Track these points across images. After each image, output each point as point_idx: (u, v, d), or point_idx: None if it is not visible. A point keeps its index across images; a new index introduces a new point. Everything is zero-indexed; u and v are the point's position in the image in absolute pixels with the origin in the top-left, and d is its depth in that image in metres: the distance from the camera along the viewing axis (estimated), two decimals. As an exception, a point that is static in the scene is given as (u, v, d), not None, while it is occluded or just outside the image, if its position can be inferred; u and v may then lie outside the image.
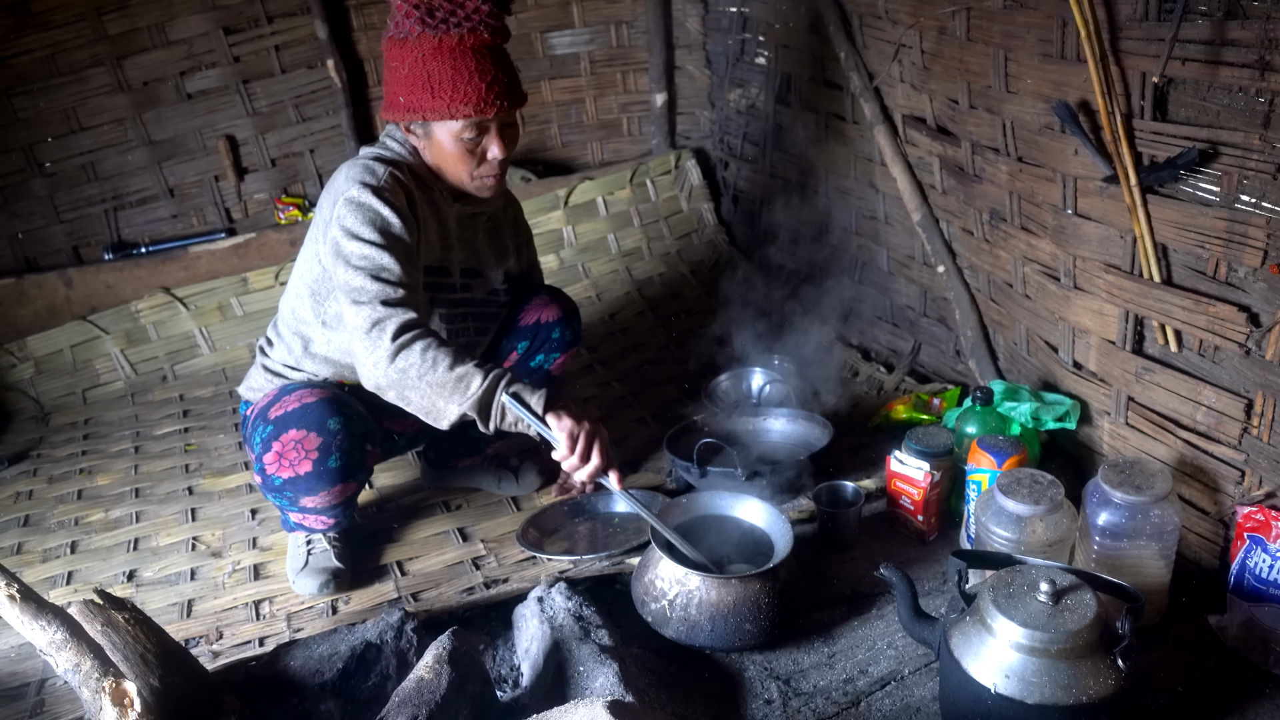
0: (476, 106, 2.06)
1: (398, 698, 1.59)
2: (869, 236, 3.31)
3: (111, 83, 3.61)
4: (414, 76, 2.07)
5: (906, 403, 2.79)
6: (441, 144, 2.14)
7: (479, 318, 2.45)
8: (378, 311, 2.00)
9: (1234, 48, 1.78)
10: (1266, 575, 1.85)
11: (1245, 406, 1.93)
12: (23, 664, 2.12)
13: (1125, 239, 2.15)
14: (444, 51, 2.04)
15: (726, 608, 1.94)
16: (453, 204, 2.27)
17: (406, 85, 2.08)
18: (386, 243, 2.04)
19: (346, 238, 2.04)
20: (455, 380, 1.98)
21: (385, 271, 2.03)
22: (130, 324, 3.64)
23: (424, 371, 1.98)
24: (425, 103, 2.07)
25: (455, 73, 2.05)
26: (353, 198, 2.06)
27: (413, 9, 2.04)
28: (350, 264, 2.04)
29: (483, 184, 2.22)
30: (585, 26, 4.13)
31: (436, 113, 2.07)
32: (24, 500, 2.89)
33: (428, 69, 2.05)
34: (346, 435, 2.14)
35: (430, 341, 2.00)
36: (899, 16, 2.79)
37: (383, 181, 2.09)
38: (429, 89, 2.06)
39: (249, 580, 2.38)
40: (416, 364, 1.98)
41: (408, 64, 2.07)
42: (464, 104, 2.06)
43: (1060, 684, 1.54)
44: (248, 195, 3.92)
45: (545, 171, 4.21)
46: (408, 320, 2.00)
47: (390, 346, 1.98)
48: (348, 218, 2.05)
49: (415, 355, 1.98)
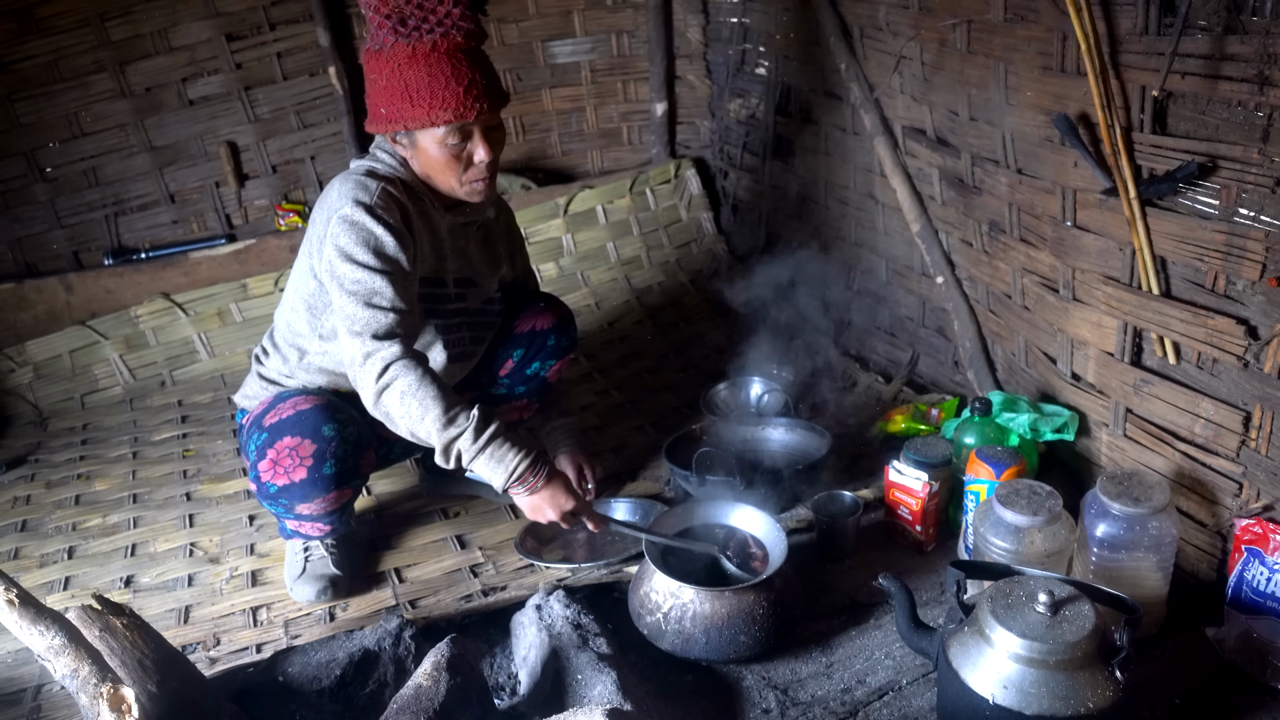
0: (456, 111, 2.04)
1: (396, 704, 1.59)
2: (868, 247, 3.31)
3: (114, 88, 3.61)
4: (392, 87, 2.05)
5: (905, 413, 2.79)
6: (427, 152, 2.12)
7: (474, 327, 2.45)
8: (367, 345, 2.01)
9: (1233, 62, 1.79)
10: (1264, 588, 1.85)
11: (1243, 419, 1.94)
12: (19, 669, 2.11)
13: (1124, 251, 2.15)
14: (418, 59, 2.02)
15: (721, 620, 1.94)
16: (445, 214, 2.26)
17: (386, 96, 2.07)
18: (380, 265, 2.03)
19: (341, 259, 2.04)
20: (427, 434, 2.01)
21: (377, 296, 2.02)
22: (130, 329, 3.64)
23: (402, 416, 2.01)
24: (406, 112, 2.05)
25: (431, 79, 2.03)
26: (346, 215, 2.05)
27: (384, 19, 2.02)
28: (344, 288, 2.04)
29: (473, 189, 2.19)
30: (586, 35, 4.14)
31: (417, 121, 2.06)
32: (21, 505, 2.89)
33: (404, 78, 2.03)
34: (341, 442, 2.14)
35: (410, 383, 1.99)
36: (900, 28, 2.80)
37: (376, 198, 2.07)
38: (407, 98, 2.04)
39: (247, 586, 2.37)
40: (396, 407, 2.01)
41: (385, 75, 2.06)
42: (443, 110, 2.04)
43: (1058, 695, 1.54)
44: (248, 201, 3.92)
45: (545, 180, 4.21)
46: (393, 357, 2.00)
47: (375, 387, 2.00)
48: (341, 237, 2.05)
49: (395, 398, 2.00)
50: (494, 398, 2.57)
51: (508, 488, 2.07)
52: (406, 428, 2.02)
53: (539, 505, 2.11)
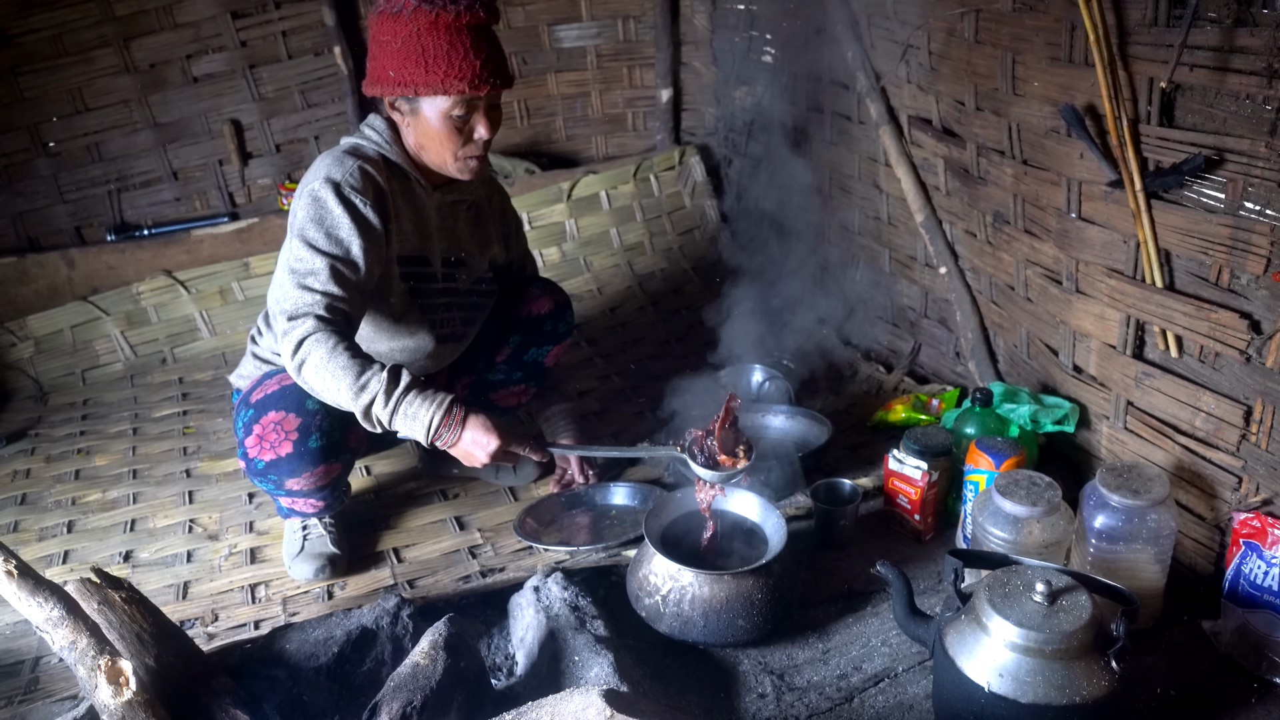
0: (471, 83, 2.04)
1: (393, 683, 1.60)
2: (871, 236, 3.31)
3: (118, 64, 3.61)
4: (407, 50, 2.03)
5: (905, 403, 2.79)
6: (428, 121, 2.11)
7: (464, 308, 2.43)
8: (283, 324, 1.99)
9: (1242, 55, 1.78)
10: (1261, 581, 1.86)
11: (1244, 413, 1.94)
12: (17, 641, 2.12)
13: (1129, 244, 2.15)
14: (440, 27, 2.02)
15: (719, 603, 1.94)
16: (432, 193, 2.25)
17: (399, 59, 2.05)
18: (328, 247, 2.02)
19: (294, 234, 2.04)
20: (347, 405, 1.98)
21: (312, 278, 1.99)
22: (131, 306, 3.64)
23: (321, 390, 1.98)
24: (418, 77, 2.04)
25: (451, 49, 2.03)
26: (314, 190, 2.05)
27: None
28: (288, 264, 2.03)
29: (465, 165, 2.18)
30: (593, 20, 4.13)
31: (430, 87, 2.05)
32: (21, 479, 2.89)
33: (422, 43, 2.02)
34: (326, 415, 2.14)
35: (322, 356, 1.94)
36: (907, 17, 2.79)
37: (348, 175, 2.06)
38: (423, 63, 2.03)
39: (245, 564, 2.38)
40: (315, 381, 1.97)
41: (401, 38, 2.04)
42: (459, 80, 2.03)
43: (1054, 684, 1.55)
44: (251, 180, 3.92)
45: (549, 164, 4.20)
46: (305, 333, 1.96)
47: (293, 365, 1.98)
48: (301, 211, 2.05)
49: (311, 373, 1.96)
50: (491, 383, 2.57)
51: (432, 441, 2.01)
52: (331, 400, 1.99)
53: (468, 452, 2.03)
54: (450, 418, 1.99)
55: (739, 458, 2.05)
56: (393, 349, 2.32)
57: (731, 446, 2.06)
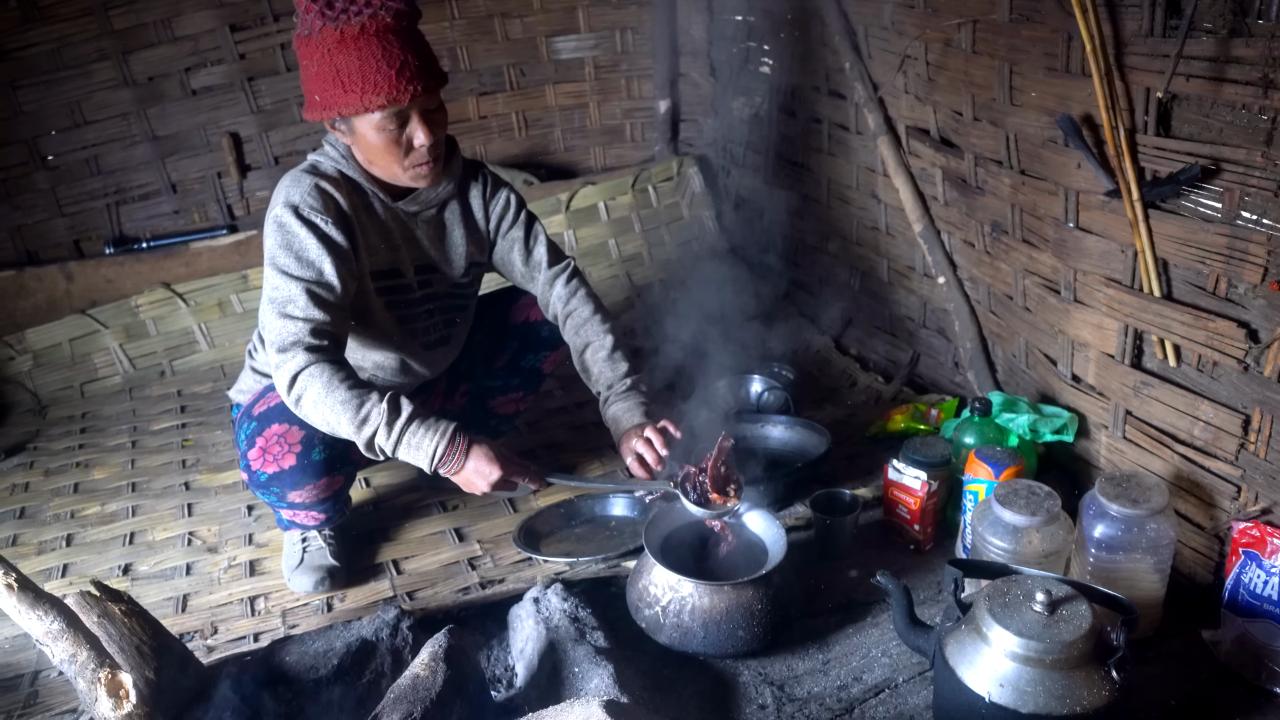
0: (389, 95, 1.95)
1: (393, 694, 1.59)
2: (869, 246, 3.31)
3: (116, 77, 3.61)
4: (324, 72, 1.96)
5: (904, 413, 2.79)
6: (366, 138, 2.04)
7: (445, 310, 2.40)
8: (275, 358, 1.98)
9: (1238, 65, 1.79)
10: (1261, 591, 1.86)
11: (1243, 422, 1.94)
12: (16, 655, 2.11)
13: (1126, 253, 2.16)
14: (347, 42, 1.93)
15: (719, 614, 1.94)
16: (392, 204, 2.20)
17: (319, 82, 1.98)
18: (299, 271, 2.00)
19: (268, 262, 2.03)
20: (350, 437, 1.97)
21: (291, 305, 1.98)
22: (130, 319, 3.64)
23: (321, 424, 1.98)
24: (339, 98, 1.97)
25: (362, 63, 1.94)
26: (276, 216, 2.03)
27: (311, 3, 1.95)
28: (267, 295, 2.02)
29: (416, 173, 2.11)
30: (590, 32, 4.14)
31: (350, 107, 1.97)
32: (20, 492, 2.89)
33: (335, 63, 1.94)
34: None
35: (319, 391, 1.95)
36: (905, 28, 2.80)
37: (306, 195, 2.03)
38: (339, 84, 1.95)
39: (244, 576, 2.38)
40: (314, 417, 1.97)
41: (316, 60, 1.97)
42: (375, 94, 1.95)
43: (1054, 694, 1.55)
44: (250, 192, 3.92)
45: (548, 176, 4.21)
46: (298, 367, 1.95)
47: (290, 400, 1.98)
48: (268, 239, 2.03)
49: (310, 408, 1.96)
50: (489, 389, 2.57)
51: (435, 469, 2.00)
52: (331, 433, 2.00)
53: (469, 480, 2.03)
54: (454, 447, 1.99)
55: (729, 496, 2.08)
56: (382, 363, 2.31)
57: (723, 485, 2.09)
